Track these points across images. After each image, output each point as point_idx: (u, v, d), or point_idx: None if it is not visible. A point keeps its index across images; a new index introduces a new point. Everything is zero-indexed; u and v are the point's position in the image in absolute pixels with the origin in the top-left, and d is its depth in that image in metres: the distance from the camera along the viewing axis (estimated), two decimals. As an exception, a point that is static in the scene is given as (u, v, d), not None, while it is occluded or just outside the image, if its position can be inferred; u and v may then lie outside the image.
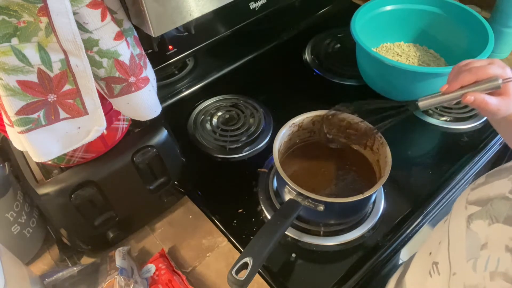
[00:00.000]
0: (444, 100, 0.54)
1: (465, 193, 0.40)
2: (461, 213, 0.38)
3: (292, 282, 0.64)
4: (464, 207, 0.38)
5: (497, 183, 0.37)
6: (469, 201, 0.38)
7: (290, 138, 0.74)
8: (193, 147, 0.84)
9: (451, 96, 0.52)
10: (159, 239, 0.71)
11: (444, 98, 0.53)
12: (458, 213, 0.39)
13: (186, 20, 0.55)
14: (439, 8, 0.92)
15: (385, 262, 0.68)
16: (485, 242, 0.33)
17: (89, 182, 0.59)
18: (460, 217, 0.38)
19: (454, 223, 0.39)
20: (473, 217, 0.36)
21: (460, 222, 0.37)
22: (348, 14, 0.89)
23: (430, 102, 0.55)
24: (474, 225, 0.35)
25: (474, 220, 0.36)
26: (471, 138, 0.84)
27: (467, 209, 0.37)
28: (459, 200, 0.40)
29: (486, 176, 0.39)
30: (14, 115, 0.45)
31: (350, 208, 0.67)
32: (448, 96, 0.53)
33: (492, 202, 0.35)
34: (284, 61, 1.05)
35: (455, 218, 0.39)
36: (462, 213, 0.38)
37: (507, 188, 0.35)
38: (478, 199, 0.37)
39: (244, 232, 0.70)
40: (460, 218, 0.38)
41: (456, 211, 0.39)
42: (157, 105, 0.58)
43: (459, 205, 0.39)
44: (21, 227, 0.64)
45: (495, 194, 0.36)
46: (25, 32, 0.41)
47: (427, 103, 0.55)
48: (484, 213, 0.35)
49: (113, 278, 0.58)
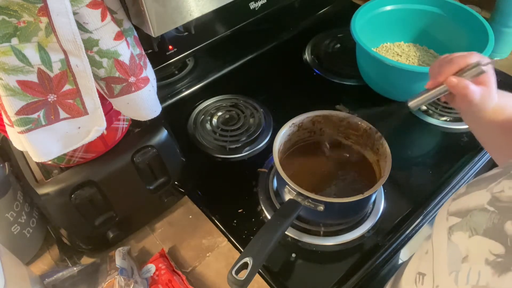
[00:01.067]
0: (431, 96, 0.55)
1: (447, 203, 0.39)
2: (442, 224, 0.38)
3: (292, 282, 0.64)
4: (445, 218, 0.38)
5: (476, 193, 0.36)
6: (450, 212, 0.37)
7: (290, 138, 0.74)
8: (193, 147, 0.84)
9: (438, 90, 0.54)
10: (159, 239, 0.71)
11: (431, 94, 0.55)
12: (440, 224, 0.38)
13: (186, 20, 0.55)
14: (439, 8, 0.92)
15: (385, 262, 0.68)
16: (466, 255, 0.33)
17: (89, 182, 0.59)
18: (442, 228, 0.37)
19: (436, 233, 0.39)
20: (454, 229, 0.36)
21: (442, 233, 0.37)
22: (348, 14, 0.89)
23: (419, 100, 0.56)
24: (455, 236, 0.35)
25: (455, 231, 0.35)
26: (471, 138, 0.83)
27: (448, 220, 0.37)
28: (441, 210, 0.40)
29: (467, 186, 0.39)
30: (14, 115, 0.45)
31: (350, 208, 0.67)
32: (435, 91, 0.54)
33: (471, 214, 0.35)
34: (284, 61, 1.05)
35: (437, 229, 0.39)
36: (444, 224, 0.37)
37: (486, 199, 0.34)
38: (458, 210, 0.36)
39: (244, 232, 0.70)
40: (441, 229, 0.37)
41: (439, 222, 0.39)
42: (157, 105, 0.58)
43: (441, 215, 0.39)
44: (21, 227, 0.64)
45: (474, 205, 0.35)
46: (25, 32, 0.41)
47: (416, 102, 0.56)
48: (464, 224, 0.35)
49: (113, 278, 0.58)
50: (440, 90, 0.54)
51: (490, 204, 0.34)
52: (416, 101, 0.56)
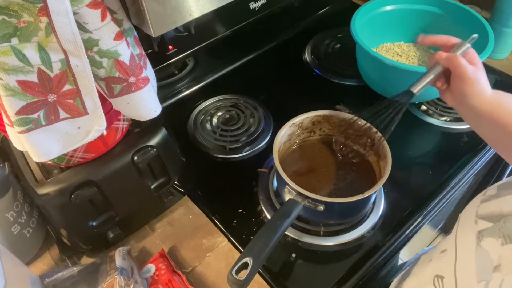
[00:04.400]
0: (430, 78, 0.57)
1: (475, 204, 0.37)
2: (470, 226, 0.35)
3: (292, 282, 0.64)
4: (474, 221, 0.35)
5: (510, 197, 0.34)
6: (479, 215, 0.35)
7: (290, 138, 0.74)
8: (193, 147, 0.84)
9: (434, 70, 0.57)
10: (159, 239, 0.71)
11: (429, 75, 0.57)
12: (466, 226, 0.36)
13: (186, 20, 0.55)
14: (439, 8, 0.92)
15: (385, 262, 0.68)
16: (498, 264, 0.31)
17: (89, 182, 0.59)
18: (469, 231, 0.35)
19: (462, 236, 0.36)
20: (484, 234, 0.33)
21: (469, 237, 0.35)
22: (348, 14, 0.89)
23: (421, 84, 0.58)
24: (485, 242, 0.33)
25: (485, 237, 0.33)
26: (471, 138, 0.84)
27: (477, 224, 0.35)
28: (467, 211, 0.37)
29: (498, 188, 0.36)
30: (14, 115, 0.45)
31: (350, 208, 0.67)
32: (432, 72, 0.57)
33: (505, 219, 0.32)
34: (284, 61, 1.05)
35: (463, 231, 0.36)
36: (472, 227, 0.35)
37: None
38: (490, 214, 0.34)
39: (244, 232, 0.70)
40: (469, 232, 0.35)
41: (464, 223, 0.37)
42: (157, 105, 0.58)
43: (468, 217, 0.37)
44: (21, 227, 0.64)
45: (508, 210, 0.33)
46: (25, 32, 0.41)
47: (419, 86, 0.58)
48: (497, 230, 0.32)
49: (113, 278, 0.58)
50: (436, 69, 0.57)
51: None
52: (419, 85, 0.58)
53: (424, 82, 0.58)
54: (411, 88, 0.58)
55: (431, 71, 0.57)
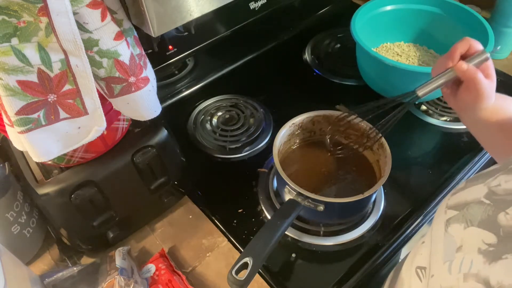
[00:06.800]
0: (439, 83, 0.54)
1: (446, 198, 0.41)
2: (441, 217, 0.39)
3: (292, 282, 0.64)
4: (444, 211, 0.39)
5: (474, 188, 0.37)
6: (448, 206, 0.39)
7: (290, 138, 0.74)
8: (193, 147, 0.84)
9: (446, 77, 0.53)
10: (159, 239, 0.71)
11: (438, 80, 0.54)
12: (438, 217, 0.40)
13: (186, 20, 0.55)
14: (439, 8, 0.92)
15: (385, 262, 0.68)
16: (460, 245, 0.34)
17: (89, 182, 0.59)
18: (440, 222, 0.39)
19: (434, 227, 0.40)
20: (451, 221, 0.37)
21: (440, 226, 0.38)
22: (348, 14, 0.89)
23: (429, 88, 0.55)
24: (451, 228, 0.36)
25: (452, 223, 0.37)
26: (471, 138, 0.83)
27: (446, 213, 0.38)
28: (441, 205, 0.42)
29: (466, 182, 0.40)
30: (14, 115, 0.45)
31: (350, 208, 0.67)
32: (443, 77, 0.53)
33: (468, 207, 0.36)
34: (284, 61, 1.05)
35: (435, 223, 0.40)
36: (442, 217, 0.39)
37: (483, 192, 0.36)
38: (457, 204, 0.38)
39: (244, 232, 0.70)
40: (440, 222, 0.39)
41: (438, 216, 0.41)
42: (157, 105, 0.58)
43: (440, 209, 0.41)
44: (21, 227, 0.64)
45: (471, 198, 0.36)
46: (25, 32, 0.41)
47: (426, 90, 0.56)
48: (461, 217, 0.36)
49: (113, 278, 0.58)
50: (448, 76, 0.53)
51: (486, 197, 0.35)
52: (427, 89, 0.56)
53: (432, 86, 0.55)
54: (417, 91, 0.56)
55: (442, 76, 0.54)
